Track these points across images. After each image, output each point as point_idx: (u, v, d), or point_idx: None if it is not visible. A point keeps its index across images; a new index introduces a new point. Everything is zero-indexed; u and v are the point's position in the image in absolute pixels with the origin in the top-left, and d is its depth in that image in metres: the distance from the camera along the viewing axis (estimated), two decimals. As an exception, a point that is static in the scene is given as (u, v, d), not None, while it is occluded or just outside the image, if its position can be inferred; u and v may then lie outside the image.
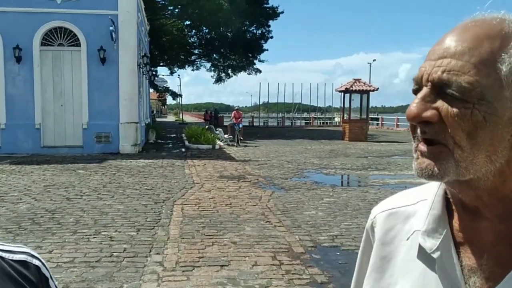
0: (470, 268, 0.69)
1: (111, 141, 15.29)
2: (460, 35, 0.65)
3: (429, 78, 0.64)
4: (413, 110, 0.65)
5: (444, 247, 0.70)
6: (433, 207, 0.74)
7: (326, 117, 53.23)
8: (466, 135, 0.62)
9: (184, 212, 7.17)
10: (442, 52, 0.64)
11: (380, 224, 0.83)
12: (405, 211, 0.81)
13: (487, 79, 0.61)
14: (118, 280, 4.41)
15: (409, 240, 0.77)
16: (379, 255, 0.82)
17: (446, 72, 0.63)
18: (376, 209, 0.87)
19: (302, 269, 4.78)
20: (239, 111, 23.60)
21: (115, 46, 15.10)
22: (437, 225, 0.72)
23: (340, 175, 11.95)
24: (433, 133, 0.64)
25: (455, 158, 0.63)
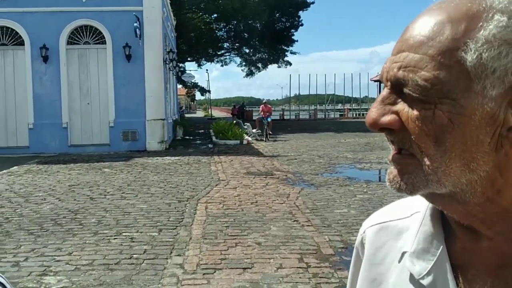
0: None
1: (138, 138, 15.34)
2: (422, 22, 0.56)
3: (387, 77, 0.57)
4: (371, 115, 0.57)
5: (438, 271, 0.61)
6: (424, 223, 0.65)
7: (362, 108, 52.27)
8: (433, 141, 0.53)
9: (208, 211, 6.95)
10: (400, 45, 0.57)
11: (369, 241, 0.73)
12: (396, 225, 0.70)
13: (449, 73, 0.52)
14: (136, 283, 4.27)
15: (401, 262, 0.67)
16: (368, 277, 0.72)
17: (402, 69, 0.55)
18: (367, 223, 0.77)
19: (330, 272, 4.49)
20: (267, 104, 23.40)
21: (140, 43, 15.12)
22: (429, 244, 0.63)
23: (375, 169, 11.49)
24: (398, 142, 0.56)
25: (423, 170, 0.55)
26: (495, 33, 0.51)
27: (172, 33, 23.42)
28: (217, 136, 18.73)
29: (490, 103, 0.51)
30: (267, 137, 20.01)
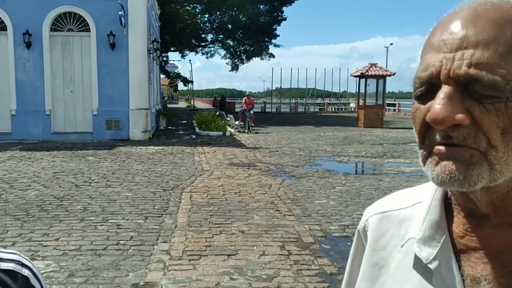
0: (472, 279, 0.62)
1: (121, 127, 15.29)
2: (474, 21, 0.57)
3: (450, 75, 0.56)
4: (442, 112, 0.56)
5: (442, 256, 0.64)
6: (430, 212, 0.68)
7: (341, 102, 52.62)
8: (501, 132, 0.56)
9: (193, 200, 7.09)
10: (459, 43, 0.57)
11: (372, 228, 0.77)
12: (399, 214, 0.74)
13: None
14: (124, 268, 4.37)
15: (403, 247, 0.70)
16: (370, 262, 0.75)
17: (474, 66, 0.55)
18: (369, 211, 0.80)
19: (311, 259, 4.68)
20: (250, 97, 23.40)
21: (125, 31, 15.01)
22: (435, 232, 0.66)
23: (353, 162, 11.76)
24: (461, 138, 0.56)
25: (489, 160, 0.56)
26: None
27: (156, 22, 23.24)
28: (200, 127, 18.75)
29: None
30: (249, 129, 20.09)
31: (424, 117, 0.59)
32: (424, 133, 0.60)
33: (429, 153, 0.60)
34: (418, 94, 0.61)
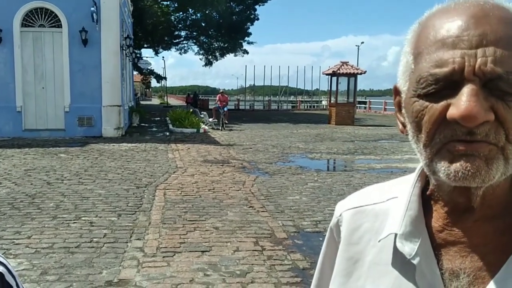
0: (451, 272, 0.63)
1: (94, 124, 15.11)
2: (487, 19, 0.57)
3: (475, 72, 0.56)
4: (476, 110, 0.55)
5: (422, 251, 0.64)
6: (410, 207, 0.68)
7: (313, 100, 53.10)
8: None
9: (166, 197, 7.10)
10: (478, 39, 0.56)
11: (346, 223, 0.77)
12: (373, 209, 0.75)
13: None
14: (97, 266, 4.36)
15: (380, 242, 0.70)
16: (345, 256, 0.75)
17: (499, 64, 0.55)
18: (342, 206, 0.80)
19: (284, 254, 4.76)
20: (224, 94, 23.42)
21: (97, 27, 14.82)
22: (415, 228, 0.66)
23: (325, 159, 11.95)
24: (484, 134, 0.56)
25: (505, 155, 0.57)
26: None
27: (129, 19, 22.97)
28: (173, 124, 18.64)
29: None
30: (223, 126, 20.09)
31: (439, 115, 0.58)
32: (435, 130, 0.59)
33: (438, 150, 0.59)
34: (430, 91, 0.59)
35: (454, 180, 0.58)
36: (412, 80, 0.62)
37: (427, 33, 0.61)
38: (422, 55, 0.60)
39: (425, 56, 0.60)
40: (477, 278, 0.62)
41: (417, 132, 0.61)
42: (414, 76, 0.61)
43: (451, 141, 0.57)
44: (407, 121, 0.65)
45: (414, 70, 0.62)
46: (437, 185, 0.66)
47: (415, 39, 0.64)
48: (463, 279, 0.62)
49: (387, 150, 13.39)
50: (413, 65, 0.63)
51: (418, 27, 0.65)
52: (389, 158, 11.89)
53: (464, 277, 0.62)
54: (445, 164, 0.58)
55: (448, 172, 0.58)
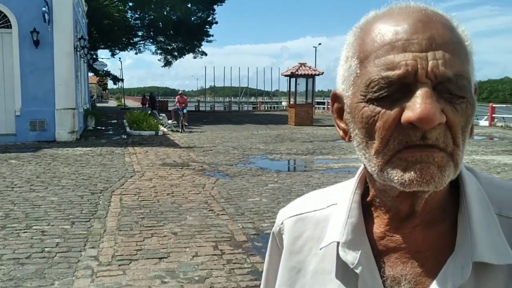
0: (393, 279, 0.64)
1: (47, 128, 14.57)
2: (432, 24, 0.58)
3: (428, 74, 0.56)
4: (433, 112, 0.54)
5: (364, 259, 0.65)
6: (351, 215, 0.68)
7: (273, 101, 53.42)
8: (461, 132, 0.58)
9: (123, 202, 6.91)
10: (428, 43, 0.57)
11: (288, 231, 0.76)
12: (314, 216, 0.75)
13: (471, 71, 0.59)
14: (49, 277, 4.21)
15: (322, 250, 0.70)
16: (287, 266, 0.75)
17: (448, 67, 0.56)
18: (284, 214, 0.79)
19: (243, 258, 4.74)
20: (183, 95, 23.17)
21: (49, 28, 14.32)
22: (356, 235, 0.66)
23: (285, 160, 12.01)
24: (435, 138, 0.56)
25: (454, 160, 0.58)
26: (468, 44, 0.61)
27: (84, 19, 22.34)
28: (131, 127, 18.26)
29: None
30: (182, 128, 19.89)
31: (393, 120, 0.57)
32: (389, 136, 0.58)
33: (390, 157, 0.58)
34: (382, 95, 0.58)
35: (409, 187, 0.57)
36: (359, 84, 0.61)
37: (373, 37, 0.60)
38: (370, 59, 0.59)
39: (373, 60, 0.59)
40: (418, 283, 0.62)
41: (367, 138, 0.60)
42: (361, 80, 0.60)
43: (404, 148, 0.57)
44: (353, 127, 0.63)
45: (361, 74, 0.61)
46: (381, 191, 0.65)
47: (358, 43, 0.63)
48: (404, 285, 0.63)
49: (345, 150, 13.59)
50: (359, 69, 0.61)
51: (360, 32, 0.64)
52: (347, 157, 12.08)
53: (405, 283, 0.63)
54: (399, 172, 0.57)
55: (402, 181, 0.57)
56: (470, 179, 0.65)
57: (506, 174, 9.54)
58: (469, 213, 0.62)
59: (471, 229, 0.61)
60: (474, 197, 0.63)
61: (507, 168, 10.30)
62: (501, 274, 0.60)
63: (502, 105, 32.86)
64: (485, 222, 0.62)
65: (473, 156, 12.16)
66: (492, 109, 23.77)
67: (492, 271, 0.60)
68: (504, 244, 0.61)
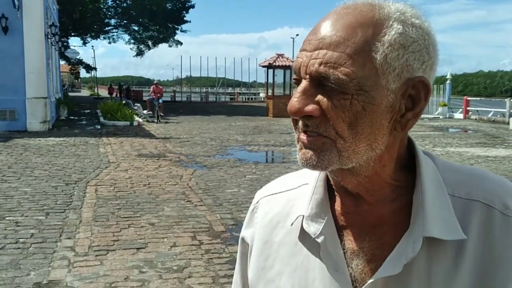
0: (352, 251, 0.70)
1: (17, 118, 14.23)
2: (334, 24, 0.64)
3: (307, 71, 0.64)
4: (295, 105, 0.64)
5: (327, 231, 0.71)
6: (316, 192, 0.74)
7: (251, 92, 53.33)
8: (347, 125, 0.63)
9: (98, 193, 6.81)
10: (317, 43, 0.64)
11: (262, 209, 0.83)
12: (286, 195, 0.81)
13: (363, 69, 0.62)
14: (24, 267, 4.15)
15: (292, 225, 0.75)
16: (261, 239, 0.80)
17: (323, 65, 0.62)
18: (260, 193, 0.86)
19: (222, 247, 4.75)
20: (159, 85, 22.88)
21: (19, 14, 13.90)
22: (320, 210, 0.72)
23: (263, 151, 12.03)
24: (315, 127, 0.64)
25: (337, 148, 0.64)
26: (395, 38, 0.62)
27: (54, 5, 21.78)
28: (105, 117, 17.96)
29: (391, 95, 0.63)
30: (158, 119, 19.67)
31: None
32: (294, 123, 0.68)
33: (297, 139, 0.67)
34: (294, 80, 0.68)
35: (301, 165, 0.67)
36: None
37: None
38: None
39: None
40: (375, 255, 0.68)
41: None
42: None
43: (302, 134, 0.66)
44: None
45: None
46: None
47: None
48: (362, 257, 0.69)
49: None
50: None
51: None
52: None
53: (363, 255, 0.69)
54: (298, 151, 0.67)
55: (298, 159, 0.67)
56: (426, 162, 0.70)
57: (479, 166, 9.80)
58: (423, 193, 0.67)
59: (424, 207, 0.66)
60: (429, 179, 0.68)
61: (480, 160, 10.58)
62: (450, 249, 0.66)
63: (476, 98, 33.49)
64: (437, 202, 0.67)
65: (447, 148, 12.44)
66: (467, 102, 24.31)
67: (443, 246, 0.66)
68: (454, 221, 0.66)
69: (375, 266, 0.67)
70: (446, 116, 24.26)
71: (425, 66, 0.65)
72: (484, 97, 52.13)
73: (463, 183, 0.70)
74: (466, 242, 0.66)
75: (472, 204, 0.68)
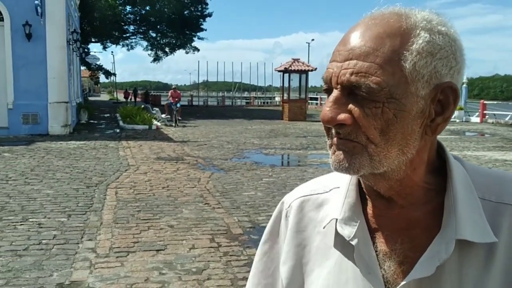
0: (384, 253, 0.72)
1: (40, 121, 14.51)
2: (363, 35, 0.66)
3: (338, 81, 0.66)
4: (328, 114, 0.66)
5: (360, 234, 0.72)
6: (348, 195, 0.76)
7: (266, 96, 53.39)
8: (379, 132, 0.65)
9: (118, 196, 6.93)
10: (347, 54, 0.66)
11: (294, 212, 0.84)
12: (317, 198, 0.82)
13: (393, 78, 0.63)
14: (47, 268, 4.23)
15: (325, 228, 0.77)
16: (294, 243, 0.82)
17: (354, 74, 0.64)
18: (290, 197, 0.87)
19: (240, 250, 4.78)
20: (177, 90, 23.10)
21: (42, 21, 14.20)
22: (353, 213, 0.74)
23: (279, 155, 12.05)
24: (346, 134, 0.66)
25: (369, 152, 0.66)
26: (423, 46, 0.64)
27: (76, 12, 22.19)
28: (124, 121, 18.20)
29: (421, 101, 0.65)
30: (176, 123, 19.84)
31: None
32: (327, 130, 0.71)
33: (330, 144, 0.70)
34: (324, 89, 0.71)
35: (333, 169, 0.69)
36: None
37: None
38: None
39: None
40: (407, 257, 0.70)
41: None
42: None
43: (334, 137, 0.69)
44: None
45: None
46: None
47: None
48: (394, 259, 0.70)
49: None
50: None
51: None
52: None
53: (395, 257, 0.71)
54: (331, 155, 0.69)
55: (330, 162, 0.69)
56: (457, 166, 0.72)
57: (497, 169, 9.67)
58: (455, 196, 0.69)
59: (456, 210, 0.68)
60: (460, 182, 0.70)
61: (498, 163, 10.44)
62: (481, 252, 0.67)
63: (493, 102, 33.08)
64: (468, 204, 0.68)
65: (464, 151, 12.30)
66: (483, 106, 23.99)
67: (474, 248, 0.67)
68: (485, 224, 0.67)
69: (407, 268, 0.69)
70: (462, 120, 23.97)
71: (452, 71, 0.67)
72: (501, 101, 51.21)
73: (493, 186, 0.71)
74: (497, 245, 0.67)
75: (503, 208, 0.69)
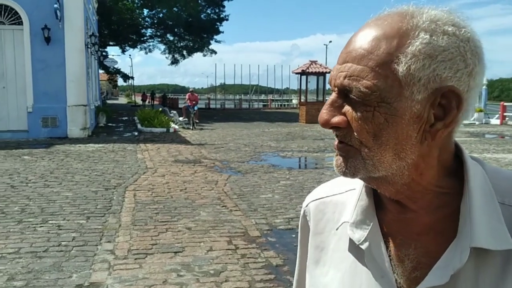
0: (398, 258, 0.70)
1: (59, 124, 14.68)
2: (362, 38, 0.65)
3: (335, 84, 0.66)
4: (323, 116, 0.67)
5: (372, 238, 0.71)
6: (361, 198, 0.75)
7: (283, 99, 53.36)
8: (372, 136, 0.64)
9: (137, 198, 6.97)
10: (345, 56, 0.66)
11: (312, 213, 0.84)
12: (333, 200, 0.82)
13: (385, 81, 0.62)
14: (67, 270, 4.26)
15: (338, 230, 0.77)
16: (313, 245, 0.83)
17: (347, 78, 0.64)
18: (309, 197, 0.87)
19: (257, 252, 4.76)
20: (194, 93, 23.25)
21: (61, 25, 14.40)
22: (365, 217, 0.73)
23: (297, 157, 11.99)
24: (342, 137, 0.67)
25: (362, 156, 0.65)
26: (420, 49, 0.61)
27: (94, 16, 22.48)
28: (142, 124, 18.34)
29: (417, 106, 0.62)
30: (194, 126, 19.94)
31: None
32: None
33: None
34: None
35: (335, 171, 0.70)
36: None
37: None
38: None
39: None
40: (420, 263, 0.68)
41: None
42: None
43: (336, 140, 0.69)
44: None
45: None
46: None
47: None
48: (408, 264, 0.69)
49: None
50: None
51: None
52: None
53: (408, 263, 0.69)
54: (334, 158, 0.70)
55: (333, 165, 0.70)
56: (475, 169, 0.68)
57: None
58: (471, 201, 0.65)
59: (471, 216, 0.65)
60: (477, 186, 0.67)
61: (520, 165, 10.22)
62: (499, 258, 0.64)
63: (513, 104, 32.48)
64: (486, 210, 0.65)
65: (484, 154, 12.08)
66: (504, 108, 23.56)
67: (491, 255, 0.64)
68: (503, 230, 0.64)
69: (421, 274, 0.67)
70: (482, 122, 23.59)
71: (460, 74, 0.62)
72: (521, 103, 50.17)
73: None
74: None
75: None
